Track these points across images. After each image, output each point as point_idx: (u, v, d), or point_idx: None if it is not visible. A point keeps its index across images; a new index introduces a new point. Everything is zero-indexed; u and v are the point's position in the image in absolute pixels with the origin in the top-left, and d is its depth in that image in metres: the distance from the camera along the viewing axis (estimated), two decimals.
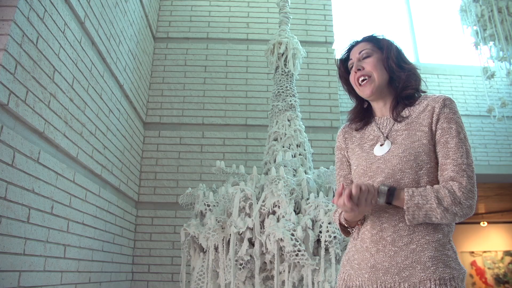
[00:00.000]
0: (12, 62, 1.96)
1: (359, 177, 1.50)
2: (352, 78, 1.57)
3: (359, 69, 1.53)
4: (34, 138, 2.20)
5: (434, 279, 1.28)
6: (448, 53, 6.58)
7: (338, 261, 2.49)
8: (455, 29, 6.43)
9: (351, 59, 1.58)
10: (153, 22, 4.64)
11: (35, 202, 2.18)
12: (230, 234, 2.61)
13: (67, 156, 2.59)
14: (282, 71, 3.47)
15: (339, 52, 1.69)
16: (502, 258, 9.36)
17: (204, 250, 2.81)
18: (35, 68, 2.16)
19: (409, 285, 1.30)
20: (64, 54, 2.48)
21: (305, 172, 3.00)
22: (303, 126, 3.33)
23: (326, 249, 2.47)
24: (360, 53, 1.55)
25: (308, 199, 2.67)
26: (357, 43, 1.60)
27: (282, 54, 3.50)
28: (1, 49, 1.91)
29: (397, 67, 1.50)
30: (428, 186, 1.33)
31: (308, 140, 3.38)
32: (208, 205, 2.83)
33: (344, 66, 1.65)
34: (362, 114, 1.62)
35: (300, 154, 3.18)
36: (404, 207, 1.29)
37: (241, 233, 2.59)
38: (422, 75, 1.57)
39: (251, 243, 2.60)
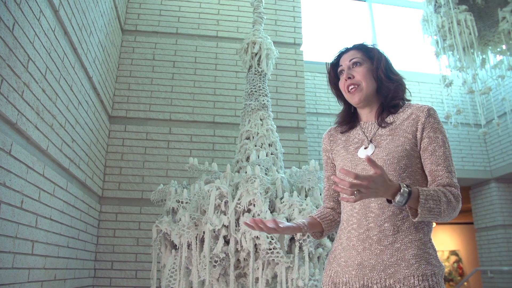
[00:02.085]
0: None
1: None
2: (342, 84, 1.62)
3: (349, 77, 1.59)
4: (6, 129, 2.11)
5: (418, 275, 1.36)
6: (406, 60, 6.87)
7: (311, 259, 2.56)
8: (415, 37, 6.72)
9: (341, 65, 1.64)
10: (122, 14, 4.53)
11: (6, 196, 2.09)
12: (204, 232, 2.62)
13: (38, 148, 2.50)
14: (255, 71, 3.50)
15: (330, 58, 1.73)
16: (448, 258, 9.90)
17: (177, 247, 2.80)
18: (10, 56, 2.07)
19: (394, 281, 1.37)
20: (38, 42, 2.39)
21: (277, 172, 3.04)
22: (275, 126, 3.38)
23: (300, 247, 2.52)
24: (350, 60, 1.60)
25: (282, 198, 2.72)
26: (347, 50, 1.65)
27: (256, 54, 3.53)
28: None
29: (386, 78, 1.57)
30: (437, 189, 1.37)
31: None
32: (181, 202, 2.81)
33: (333, 71, 1.69)
34: (349, 118, 1.69)
35: (272, 154, 3.22)
36: (418, 210, 1.32)
37: (216, 231, 2.60)
38: None
39: (226, 241, 2.62)
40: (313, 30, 6.80)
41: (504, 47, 5.18)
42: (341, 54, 1.67)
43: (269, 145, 3.26)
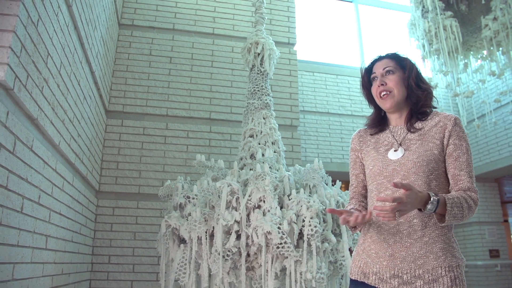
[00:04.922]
0: (18, 45, 1.88)
1: (374, 176, 1.68)
2: (374, 90, 1.75)
3: (382, 84, 1.71)
4: (28, 124, 2.12)
5: (444, 266, 1.51)
6: None
7: (318, 253, 2.67)
8: (398, 39, 6.93)
9: (374, 72, 1.76)
10: (119, 8, 4.51)
11: (27, 192, 2.11)
12: (214, 227, 2.69)
13: (51, 144, 2.50)
14: (258, 70, 3.58)
15: (366, 63, 1.84)
16: None
17: (186, 242, 2.85)
18: (35, 51, 2.08)
19: (423, 271, 1.51)
20: (56, 38, 2.39)
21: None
22: (277, 125, 3.47)
23: (308, 242, 2.63)
24: (384, 69, 1.73)
25: (289, 195, 2.82)
26: (381, 58, 1.77)
27: (259, 54, 3.60)
28: (10, 30, 1.82)
29: (416, 87, 1.70)
30: (460, 195, 1.52)
31: None
32: (192, 198, 2.87)
33: (367, 76, 1.81)
34: (378, 122, 1.81)
35: (275, 152, 3.31)
36: (446, 217, 1.47)
37: (227, 226, 2.67)
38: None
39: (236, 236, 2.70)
40: (300, 29, 6.91)
41: (485, 53, 5.43)
42: (374, 62, 1.79)
43: (272, 143, 3.34)
